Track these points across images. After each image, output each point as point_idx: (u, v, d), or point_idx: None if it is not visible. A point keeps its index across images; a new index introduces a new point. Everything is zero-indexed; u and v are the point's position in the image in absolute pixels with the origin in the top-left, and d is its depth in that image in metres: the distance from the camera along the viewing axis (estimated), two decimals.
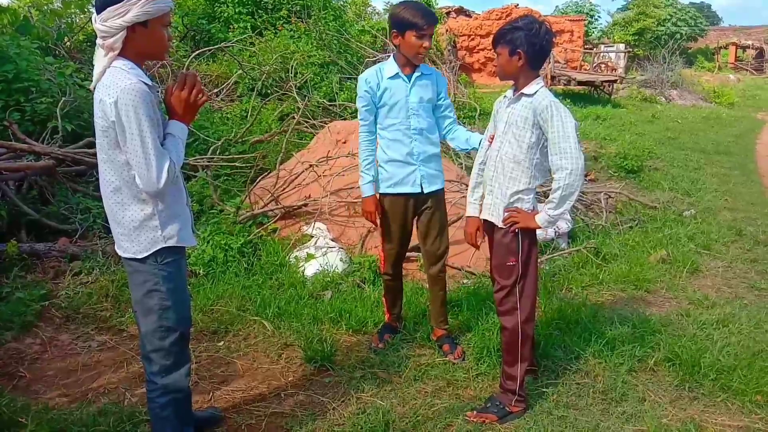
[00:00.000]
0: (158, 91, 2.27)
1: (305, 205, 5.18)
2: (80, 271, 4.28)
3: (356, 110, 3.33)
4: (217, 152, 6.01)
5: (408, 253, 4.75)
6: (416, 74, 3.22)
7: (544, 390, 3.09)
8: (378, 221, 3.40)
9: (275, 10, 11.98)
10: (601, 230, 5.71)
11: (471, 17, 22.36)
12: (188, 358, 2.46)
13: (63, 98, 5.59)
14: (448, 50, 18.49)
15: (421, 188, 3.30)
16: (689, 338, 3.56)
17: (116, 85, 2.04)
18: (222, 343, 3.64)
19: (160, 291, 2.26)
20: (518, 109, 2.72)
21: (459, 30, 20.24)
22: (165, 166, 2.11)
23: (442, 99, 3.35)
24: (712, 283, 4.69)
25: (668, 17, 32.60)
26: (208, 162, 5.76)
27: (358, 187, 3.38)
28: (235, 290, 4.15)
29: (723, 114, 16.33)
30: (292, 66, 8.80)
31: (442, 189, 3.42)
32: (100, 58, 2.13)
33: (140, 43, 2.14)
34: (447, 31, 19.56)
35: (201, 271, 4.39)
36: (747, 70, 31.47)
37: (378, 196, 3.36)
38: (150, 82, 2.15)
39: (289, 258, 4.62)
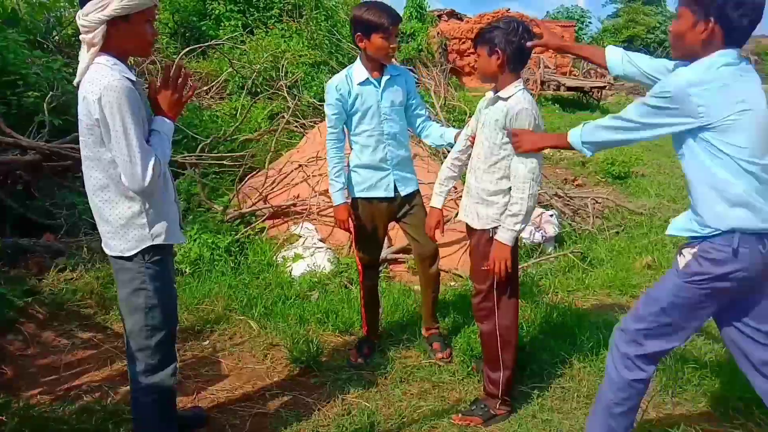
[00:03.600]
0: (143, 87, 2.25)
1: (294, 205, 5.16)
2: (64, 268, 4.24)
3: None
4: (206, 150, 5.98)
5: (395, 255, 4.76)
6: (386, 77, 3.13)
7: (529, 393, 3.10)
8: (351, 229, 3.34)
9: (267, 8, 11.95)
10: (588, 235, 5.75)
11: (462, 21, 22.41)
12: (174, 358, 2.44)
13: (51, 93, 5.53)
14: (439, 53, 18.53)
15: (396, 191, 3.25)
16: None
17: (99, 82, 2.01)
18: (207, 342, 3.62)
19: (147, 289, 2.24)
20: (492, 111, 2.70)
21: (450, 33, 20.28)
22: (150, 164, 2.08)
23: (412, 97, 3.29)
24: None
25: (657, 25, 32.94)
26: (197, 160, 5.73)
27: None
28: (221, 289, 4.13)
29: None
30: (283, 65, 8.77)
31: (418, 190, 3.38)
32: (83, 57, 2.10)
33: (122, 39, 2.10)
34: (438, 34, 19.60)
35: (187, 270, 4.37)
36: None
37: (350, 201, 3.31)
38: (134, 78, 2.12)
39: (276, 258, 4.60)
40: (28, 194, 5.09)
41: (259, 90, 8.68)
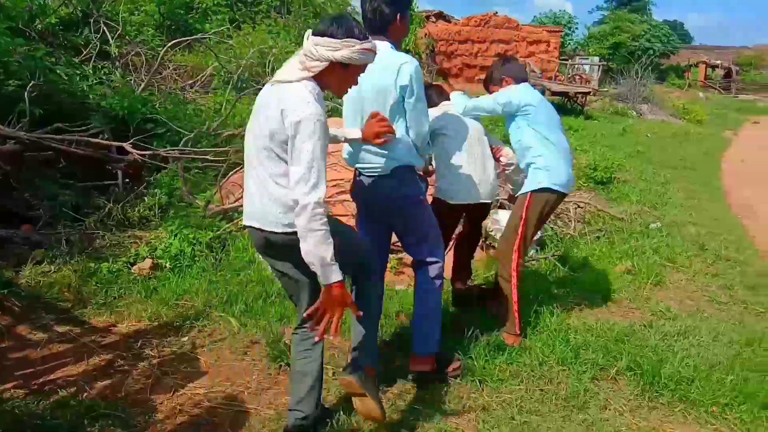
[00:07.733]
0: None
1: None
2: (42, 260, 4.17)
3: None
4: (189, 144, 5.92)
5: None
6: None
7: (508, 396, 3.12)
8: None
9: (254, 3, 11.88)
10: (569, 239, 5.79)
11: (450, 22, 22.45)
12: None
13: (32, 81, 5.44)
14: (427, 54, 18.55)
15: None
16: (651, 349, 3.63)
17: (303, 109, 2.18)
18: (186, 338, 3.59)
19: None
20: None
21: (438, 35, 20.29)
22: (320, 194, 2.19)
23: None
24: (674, 295, 4.79)
25: (642, 33, 33.29)
26: (180, 154, 5.67)
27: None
28: (201, 285, 4.09)
29: (691, 131, 16.71)
30: (270, 61, 8.72)
31: None
32: (293, 70, 2.31)
33: (332, 77, 2.35)
34: (426, 35, 19.62)
35: (167, 265, 4.32)
36: (715, 88, 32.30)
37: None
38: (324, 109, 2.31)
39: (258, 255, 4.56)
40: (8, 185, 5.00)
41: (245, 85, 8.61)
